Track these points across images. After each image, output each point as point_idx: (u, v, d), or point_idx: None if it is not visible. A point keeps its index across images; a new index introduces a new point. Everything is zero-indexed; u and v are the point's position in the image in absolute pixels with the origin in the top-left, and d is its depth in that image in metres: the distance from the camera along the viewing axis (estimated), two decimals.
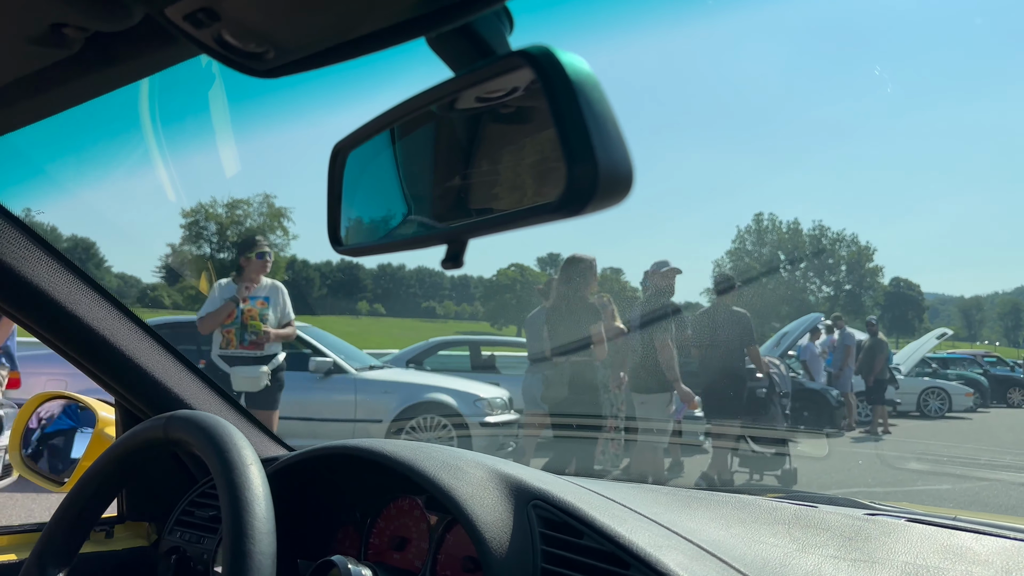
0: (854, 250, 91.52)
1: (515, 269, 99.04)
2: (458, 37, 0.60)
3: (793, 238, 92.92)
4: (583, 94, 0.52)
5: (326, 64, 0.63)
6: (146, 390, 1.56)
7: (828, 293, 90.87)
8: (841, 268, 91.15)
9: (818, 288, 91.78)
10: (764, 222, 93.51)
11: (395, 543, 1.39)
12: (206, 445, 1.02)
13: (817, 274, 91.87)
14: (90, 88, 0.77)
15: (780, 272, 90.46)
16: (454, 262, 0.63)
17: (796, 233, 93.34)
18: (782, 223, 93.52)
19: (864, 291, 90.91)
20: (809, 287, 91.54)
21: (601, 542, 1.09)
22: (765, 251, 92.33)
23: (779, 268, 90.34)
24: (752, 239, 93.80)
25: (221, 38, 0.60)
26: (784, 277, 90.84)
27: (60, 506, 1.16)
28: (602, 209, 0.54)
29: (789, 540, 1.22)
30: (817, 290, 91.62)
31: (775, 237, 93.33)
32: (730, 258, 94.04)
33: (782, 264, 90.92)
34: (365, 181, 0.73)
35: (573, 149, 0.51)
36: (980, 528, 1.37)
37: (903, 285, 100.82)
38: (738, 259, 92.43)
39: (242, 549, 0.90)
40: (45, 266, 1.36)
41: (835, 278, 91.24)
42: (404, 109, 0.66)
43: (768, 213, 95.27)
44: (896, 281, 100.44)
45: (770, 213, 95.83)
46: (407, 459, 1.24)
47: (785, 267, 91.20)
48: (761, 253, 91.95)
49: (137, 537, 1.67)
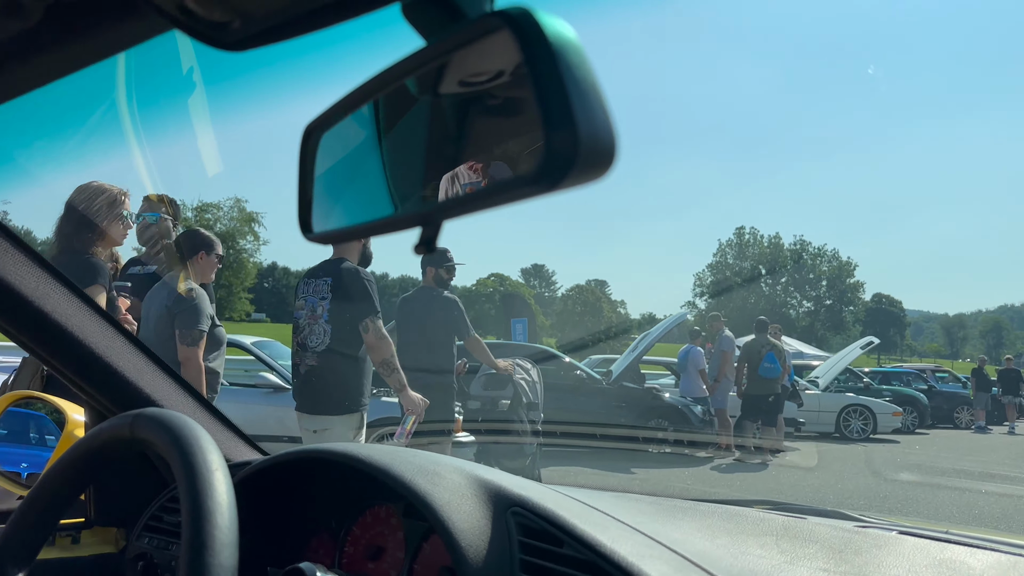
0: (835, 265, 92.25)
1: (495, 279, 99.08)
2: (433, 3, 0.56)
3: (774, 252, 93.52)
4: (564, 57, 0.49)
5: (296, 34, 0.60)
6: (115, 389, 1.50)
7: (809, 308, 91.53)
8: (822, 283, 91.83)
9: (799, 303, 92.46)
10: (746, 235, 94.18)
11: (370, 552, 1.35)
12: (170, 447, 0.97)
13: (798, 288, 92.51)
14: (52, 67, 0.73)
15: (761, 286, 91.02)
16: (427, 247, 0.60)
17: (777, 247, 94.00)
18: (763, 237, 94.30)
19: (845, 306, 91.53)
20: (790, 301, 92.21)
21: (581, 551, 1.05)
22: (746, 264, 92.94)
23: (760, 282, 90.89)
24: (733, 252, 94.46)
25: (183, 5, 0.57)
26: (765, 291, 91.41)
27: (21, 504, 1.12)
28: (582, 183, 0.50)
29: (777, 552, 1.18)
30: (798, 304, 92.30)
31: (756, 251, 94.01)
32: (711, 271, 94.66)
33: (763, 278, 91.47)
34: (337, 164, 0.70)
35: (552, 115, 0.48)
36: (973, 542, 1.34)
37: (885, 301, 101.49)
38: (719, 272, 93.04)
39: (201, 561, 0.85)
40: (10, 259, 1.31)
41: (816, 293, 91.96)
42: (377, 84, 0.63)
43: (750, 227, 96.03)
44: (878, 297, 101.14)
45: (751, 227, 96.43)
46: (383, 464, 1.19)
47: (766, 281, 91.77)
48: (742, 267, 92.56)
49: (105, 543, 1.61)
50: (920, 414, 19.17)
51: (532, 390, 7.41)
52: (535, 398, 7.39)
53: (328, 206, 0.71)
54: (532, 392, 7.39)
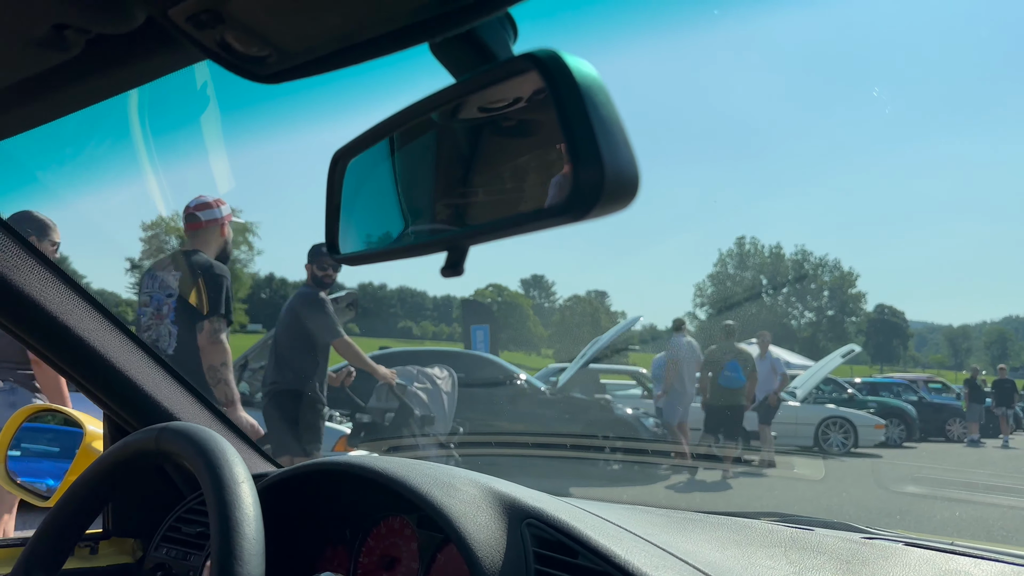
0: (837, 275, 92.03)
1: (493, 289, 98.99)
2: (462, 43, 0.59)
3: (775, 263, 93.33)
4: (590, 97, 0.52)
5: (327, 69, 0.63)
6: (136, 403, 1.53)
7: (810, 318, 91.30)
8: (824, 293, 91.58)
9: (800, 313, 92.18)
10: (746, 246, 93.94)
11: (384, 563, 1.37)
12: (198, 459, 1.00)
13: (799, 299, 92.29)
14: (89, 93, 0.76)
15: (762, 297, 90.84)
16: (454, 270, 0.63)
17: (778, 258, 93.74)
18: (764, 247, 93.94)
19: (847, 317, 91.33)
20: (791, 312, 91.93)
21: (596, 562, 1.07)
22: (747, 275, 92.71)
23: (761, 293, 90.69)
24: (734, 263, 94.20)
25: (224, 41, 0.60)
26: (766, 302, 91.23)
27: (48, 514, 1.14)
28: (607, 214, 0.53)
29: (786, 563, 1.21)
30: (799, 315, 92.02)
31: (757, 261, 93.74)
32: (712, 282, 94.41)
33: (764, 288, 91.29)
34: (365, 189, 0.73)
35: (580, 152, 0.51)
36: (979, 553, 1.36)
37: (887, 312, 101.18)
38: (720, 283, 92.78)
39: (230, 571, 0.88)
40: (37, 275, 1.34)
41: (817, 303, 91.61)
42: (406, 116, 0.66)
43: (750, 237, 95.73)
44: (880, 308, 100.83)
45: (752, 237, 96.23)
46: (399, 476, 1.22)
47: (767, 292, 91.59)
48: (743, 277, 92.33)
49: (122, 553, 1.64)
50: (908, 427, 18.06)
51: (435, 401, 6.90)
52: (437, 410, 6.84)
53: (356, 229, 0.74)
54: (435, 403, 6.88)
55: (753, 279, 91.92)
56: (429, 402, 6.86)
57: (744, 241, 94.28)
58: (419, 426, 6.54)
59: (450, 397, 7.09)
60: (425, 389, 6.92)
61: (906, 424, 17.98)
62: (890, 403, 18.92)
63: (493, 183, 0.64)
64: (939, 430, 19.70)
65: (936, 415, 19.97)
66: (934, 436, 19.42)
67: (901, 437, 17.62)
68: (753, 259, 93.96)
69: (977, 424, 19.02)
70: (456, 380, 7.30)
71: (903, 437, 17.67)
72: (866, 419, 15.38)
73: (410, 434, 6.45)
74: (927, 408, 19.94)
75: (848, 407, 16.51)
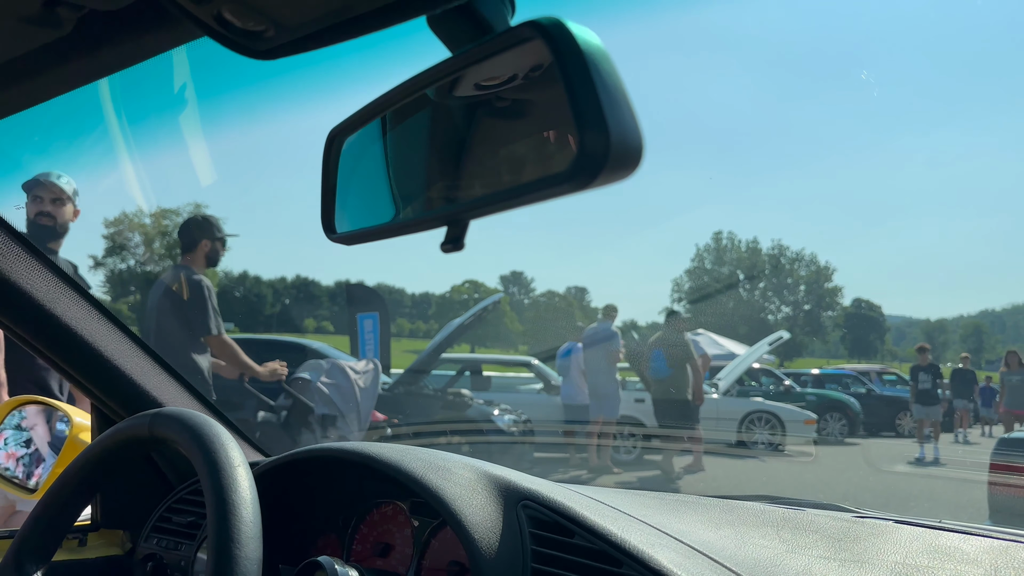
0: (813, 270, 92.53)
1: (469, 285, 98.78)
2: (460, 16, 0.59)
3: (752, 257, 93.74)
4: (594, 64, 0.52)
5: (325, 44, 0.62)
6: (123, 392, 1.53)
7: (787, 312, 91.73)
8: (800, 288, 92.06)
9: (777, 308, 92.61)
10: (723, 241, 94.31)
11: (378, 549, 1.37)
12: (193, 444, 1.00)
13: (776, 293, 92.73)
14: (82, 73, 0.75)
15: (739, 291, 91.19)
16: (454, 244, 0.62)
17: (755, 252, 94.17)
18: (741, 242, 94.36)
19: (823, 311, 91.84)
20: (768, 306, 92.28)
21: (593, 540, 1.08)
22: (724, 270, 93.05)
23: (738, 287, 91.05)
24: (711, 258, 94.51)
25: (220, 16, 0.59)
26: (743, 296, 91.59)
27: (39, 503, 1.14)
28: (612, 181, 0.53)
29: (778, 541, 1.22)
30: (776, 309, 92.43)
31: (734, 256, 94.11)
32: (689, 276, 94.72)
33: (741, 283, 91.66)
34: (361, 167, 0.72)
35: (585, 118, 0.51)
36: (967, 529, 1.37)
37: (864, 306, 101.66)
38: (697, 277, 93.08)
39: (228, 553, 0.88)
40: (23, 263, 1.33)
41: (794, 298, 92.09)
42: (402, 92, 0.65)
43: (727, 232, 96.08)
44: (857, 302, 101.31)
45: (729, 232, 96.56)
46: (394, 461, 1.22)
47: (744, 286, 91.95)
48: (720, 272, 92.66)
49: (111, 545, 1.63)
50: (851, 421, 16.40)
51: (345, 398, 6.22)
52: (348, 409, 6.18)
53: (352, 207, 0.73)
54: (345, 401, 6.20)
55: (730, 274, 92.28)
56: (338, 399, 6.23)
57: (721, 236, 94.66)
58: (320, 426, 6.07)
59: (366, 394, 6.38)
60: (334, 385, 6.26)
61: (848, 419, 16.48)
62: (831, 396, 17.43)
63: (492, 157, 0.64)
64: (889, 424, 18.38)
65: (887, 408, 18.58)
66: (885, 431, 18.20)
67: (842, 432, 16.22)
68: (730, 254, 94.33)
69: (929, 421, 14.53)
70: (379, 375, 6.57)
71: (845, 432, 16.27)
72: (795, 413, 13.33)
73: (309, 434, 6.00)
74: (876, 401, 18.75)
75: (783, 401, 14.70)
